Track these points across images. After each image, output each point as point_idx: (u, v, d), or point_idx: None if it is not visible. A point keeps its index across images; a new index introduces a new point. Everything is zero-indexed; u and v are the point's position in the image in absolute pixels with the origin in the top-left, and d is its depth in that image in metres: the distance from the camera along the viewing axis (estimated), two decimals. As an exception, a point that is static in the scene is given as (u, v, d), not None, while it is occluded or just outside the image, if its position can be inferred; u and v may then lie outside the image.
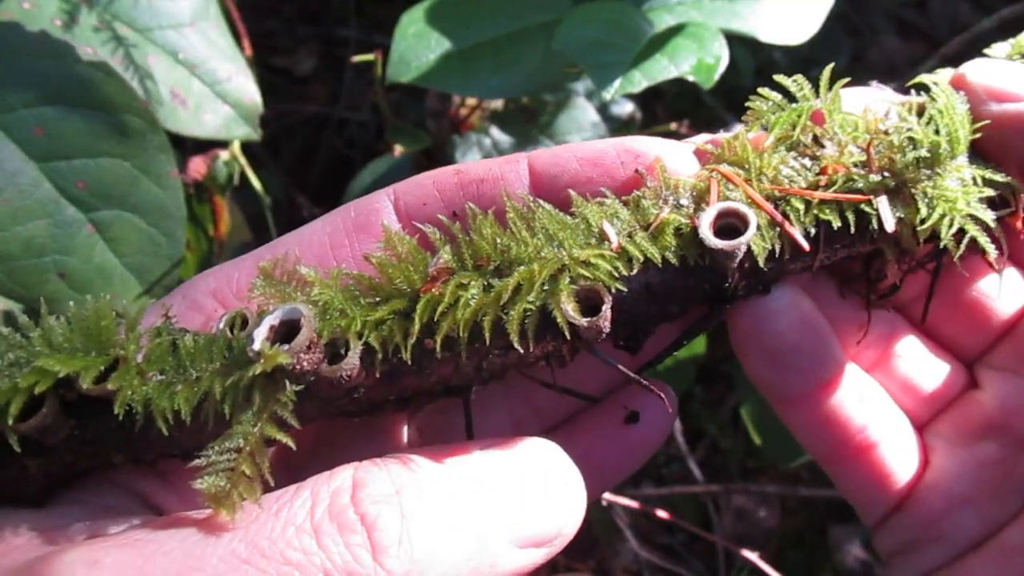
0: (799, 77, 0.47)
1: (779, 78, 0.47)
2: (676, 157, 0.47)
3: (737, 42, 0.84)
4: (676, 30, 0.79)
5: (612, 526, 1.35)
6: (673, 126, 1.15)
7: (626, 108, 1.12)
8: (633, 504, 1.20)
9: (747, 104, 0.47)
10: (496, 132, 1.15)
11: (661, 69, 0.75)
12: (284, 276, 0.45)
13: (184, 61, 0.86)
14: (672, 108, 1.46)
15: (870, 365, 0.55)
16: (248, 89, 0.89)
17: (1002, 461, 0.52)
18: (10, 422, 0.41)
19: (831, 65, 0.47)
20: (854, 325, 0.53)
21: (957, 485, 0.52)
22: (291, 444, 0.40)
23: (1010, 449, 0.52)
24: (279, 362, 0.39)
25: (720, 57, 0.76)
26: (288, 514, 0.38)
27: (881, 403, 0.54)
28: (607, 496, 1.18)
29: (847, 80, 0.47)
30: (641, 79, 0.74)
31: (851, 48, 1.57)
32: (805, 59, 1.47)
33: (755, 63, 1.33)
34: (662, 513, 1.19)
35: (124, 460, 0.45)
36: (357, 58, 1.08)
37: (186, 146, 1.00)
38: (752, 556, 1.14)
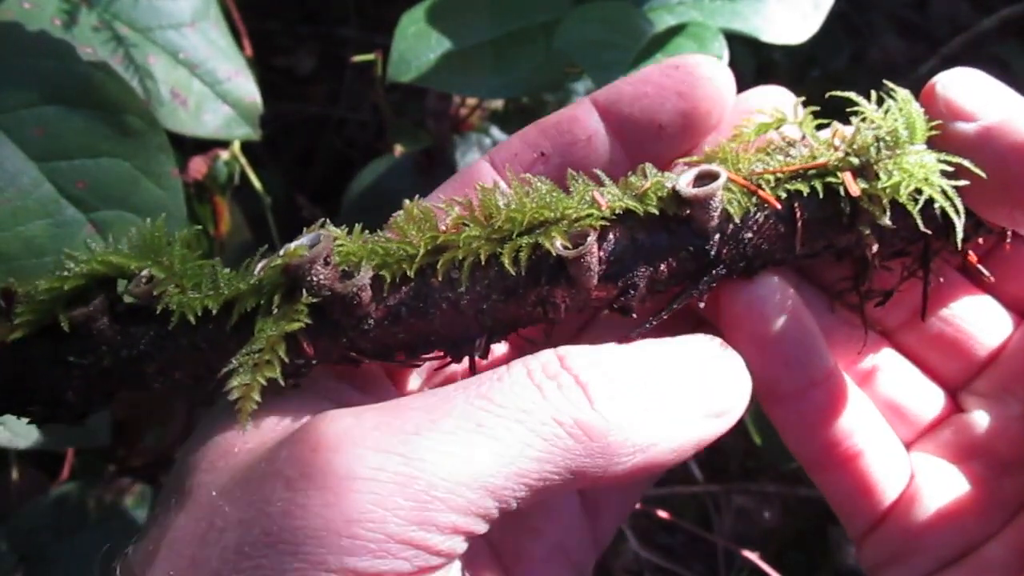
0: (778, 107, 0.52)
1: (759, 109, 0.52)
2: (713, 69, 0.51)
3: (737, 42, 0.84)
4: (676, 30, 0.79)
5: (612, 526, 1.35)
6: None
7: (626, 108, 1.12)
8: (633, 504, 1.20)
9: (733, 131, 0.51)
10: (496, 132, 1.15)
11: (661, 69, 0.75)
12: None
13: (184, 61, 0.86)
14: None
15: (856, 383, 0.55)
16: (248, 89, 0.89)
17: (987, 481, 0.53)
18: (65, 286, 0.47)
19: (802, 98, 0.52)
20: (842, 339, 0.54)
21: (941, 502, 0.53)
22: (305, 323, 0.46)
23: (995, 470, 0.53)
24: (300, 254, 0.45)
25: (720, 57, 0.76)
26: (509, 379, 0.43)
27: (869, 413, 0.54)
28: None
29: (818, 108, 0.52)
30: (641, 79, 0.74)
31: (851, 48, 1.57)
32: (805, 59, 1.47)
33: (755, 63, 1.33)
34: (662, 513, 1.19)
35: (155, 370, 0.48)
36: (357, 58, 1.08)
37: (186, 146, 1.00)
38: (752, 556, 1.14)
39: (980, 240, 0.51)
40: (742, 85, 0.53)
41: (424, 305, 0.47)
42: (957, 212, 0.47)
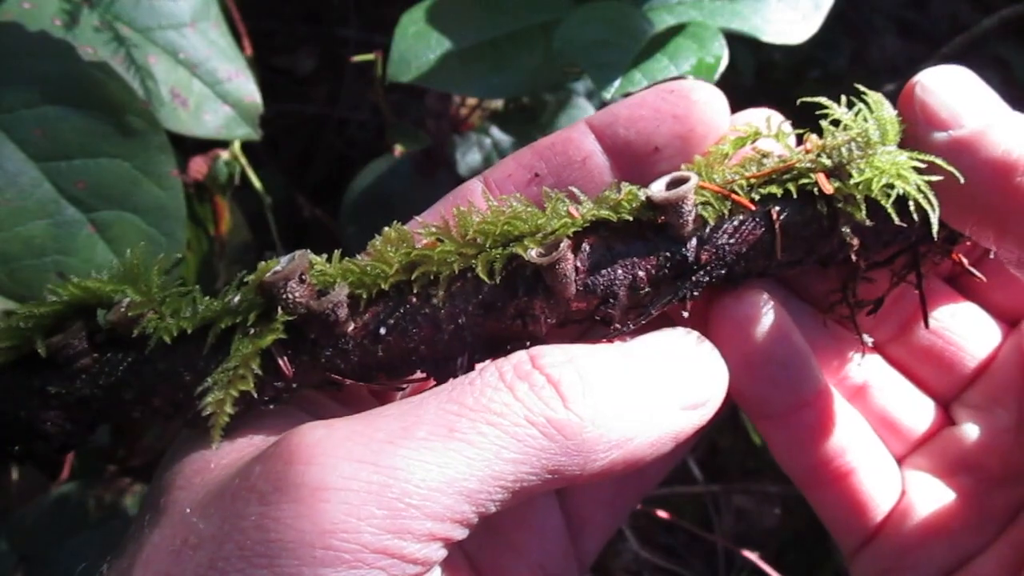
0: (750, 122, 0.52)
1: (733, 127, 0.52)
2: (708, 93, 0.51)
3: (737, 42, 0.84)
4: (676, 30, 0.79)
5: (612, 526, 1.35)
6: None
7: (626, 108, 1.12)
8: (633, 504, 1.20)
9: (708, 149, 0.52)
10: (496, 132, 1.15)
11: (661, 69, 0.75)
12: None
13: (184, 61, 0.86)
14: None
15: (848, 398, 0.55)
16: (248, 89, 0.89)
17: (977, 496, 0.53)
18: (42, 310, 0.47)
19: (779, 116, 0.52)
20: (835, 355, 0.54)
21: (932, 517, 0.53)
22: (281, 337, 0.45)
23: (985, 485, 0.53)
24: (272, 268, 0.44)
25: (720, 57, 0.76)
26: (481, 382, 0.43)
27: (860, 430, 0.54)
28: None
29: (790, 121, 0.52)
30: (641, 79, 0.74)
31: (851, 48, 1.57)
32: (805, 59, 1.47)
33: (755, 63, 1.33)
34: (662, 513, 1.19)
35: (133, 396, 0.48)
36: (357, 58, 1.08)
37: (186, 146, 1.00)
38: (752, 556, 1.14)
39: (968, 243, 0.51)
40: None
41: (402, 322, 0.47)
42: (931, 205, 0.46)
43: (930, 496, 0.53)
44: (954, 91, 0.47)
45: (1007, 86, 0.50)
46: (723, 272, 0.49)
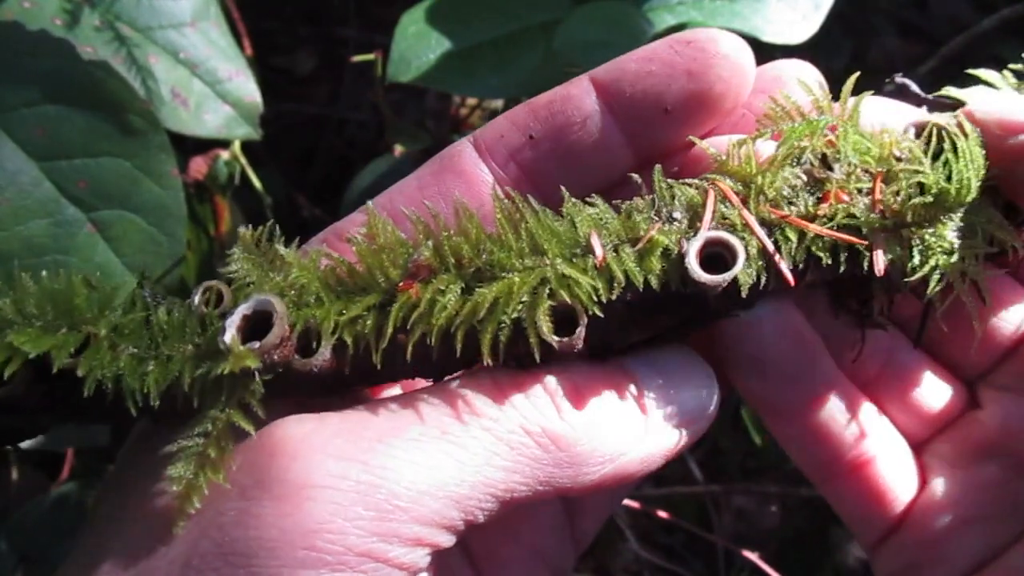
0: (824, 84, 0.45)
1: (802, 82, 0.45)
2: (731, 45, 0.45)
3: (737, 42, 0.84)
4: (676, 30, 0.79)
5: (612, 526, 1.35)
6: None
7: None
8: (633, 504, 1.20)
9: (765, 108, 0.45)
10: (496, 132, 1.15)
11: (661, 69, 0.75)
12: (264, 250, 0.45)
13: (185, 61, 0.86)
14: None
15: (867, 382, 0.53)
16: (248, 89, 0.89)
17: (1004, 483, 0.50)
18: None
19: (856, 75, 0.45)
20: (848, 340, 0.51)
21: (957, 506, 0.50)
22: (253, 432, 0.41)
23: (1012, 471, 0.50)
24: (247, 364, 0.39)
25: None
26: (469, 391, 0.42)
27: (875, 420, 0.52)
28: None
29: (872, 92, 0.45)
30: (641, 79, 0.74)
31: (851, 48, 1.57)
32: (805, 59, 1.47)
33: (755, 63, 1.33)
34: (662, 513, 1.19)
35: (95, 419, 0.45)
36: (357, 58, 1.08)
37: (187, 146, 1.01)
38: (752, 556, 1.14)
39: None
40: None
41: (391, 363, 0.43)
42: (979, 318, 0.45)
43: (954, 485, 0.50)
44: (1010, 96, 0.45)
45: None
46: (739, 309, 0.46)
